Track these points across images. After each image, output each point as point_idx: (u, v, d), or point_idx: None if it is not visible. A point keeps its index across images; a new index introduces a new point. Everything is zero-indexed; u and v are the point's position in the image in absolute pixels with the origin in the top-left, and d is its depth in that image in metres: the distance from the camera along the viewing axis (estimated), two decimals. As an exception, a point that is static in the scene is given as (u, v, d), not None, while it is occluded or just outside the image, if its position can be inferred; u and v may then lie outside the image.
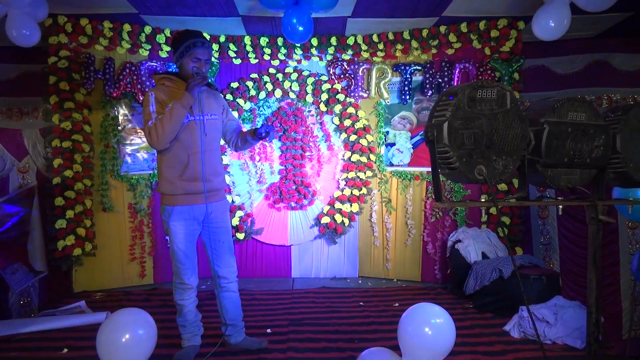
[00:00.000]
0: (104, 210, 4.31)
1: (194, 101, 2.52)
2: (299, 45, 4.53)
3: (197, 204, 2.64)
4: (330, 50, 4.58)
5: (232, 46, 4.57)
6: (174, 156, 2.58)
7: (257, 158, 4.72)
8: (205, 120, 2.62)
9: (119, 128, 4.39)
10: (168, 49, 4.44)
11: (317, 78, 4.64)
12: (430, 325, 1.85)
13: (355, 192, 4.57)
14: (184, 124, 2.53)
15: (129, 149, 4.44)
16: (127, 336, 1.85)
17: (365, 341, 2.98)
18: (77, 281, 4.23)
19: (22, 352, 2.89)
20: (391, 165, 4.64)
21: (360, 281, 4.61)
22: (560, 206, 1.54)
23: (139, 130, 4.47)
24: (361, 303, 3.85)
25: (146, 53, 4.44)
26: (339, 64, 4.64)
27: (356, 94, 4.62)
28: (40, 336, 3.15)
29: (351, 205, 4.56)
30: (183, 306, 2.75)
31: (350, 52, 4.59)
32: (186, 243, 2.67)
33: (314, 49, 4.57)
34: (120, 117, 4.41)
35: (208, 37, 4.51)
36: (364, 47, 4.53)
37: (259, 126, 2.70)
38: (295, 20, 3.58)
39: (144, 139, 4.48)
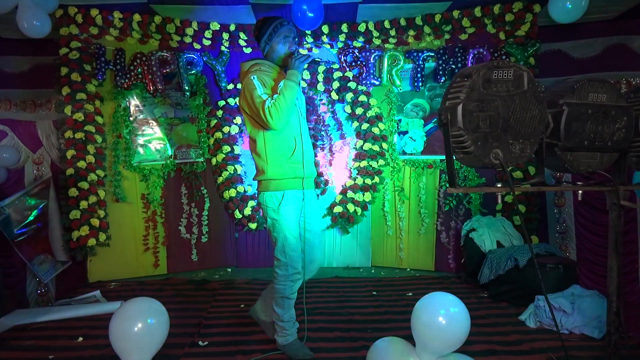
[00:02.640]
0: (117, 200, 4.33)
1: (301, 79, 2.52)
2: (309, 32, 4.47)
3: (302, 190, 2.59)
4: (341, 37, 4.52)
5: (242, 35, 4.53)
6: (283, 139, 2.53)
7: (269, 148, 4.69)
8: (300, 104, 2.64)
9: (131, 119, 4.40)
10: (178, 38, 4.43)
11: (328, 66, 4.58)
12: (444, 314, 1.81)
13: (368, 181, 4.53)
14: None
15: (141, 140, 4.45)
16: (140, 325, 1.85)
17: (378, 331, 2.96)
18: (92, 271, 4.27)
19: (39, 340, 2.92)
20: (404, 153, 4.58)
21: (373, 270, 4.59)
22: (580, 191, 1.49)
23: (150, 121, 4.48)
24: (374, 292, 3.83)
25: (156, 43, 4.43)
26: (350, 51, 4.58)
27: (368, 82, 4.56)
28: (56, 325, 3.19)
29: (364, 195, 4.53)
30: (292, 301, 2.63)
31: (361, 39, 4.52)
32: (296, 229, 2.59)
33: (324, 36, 4.52)
34: (132, 108, 4.41)
35: (218, 27, 4.48)
36: (375, 33, 4.46)
37: None
38: (305, 7, 3.54)
39: (156, 130, 4.49)
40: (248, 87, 2.47)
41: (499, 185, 1.42)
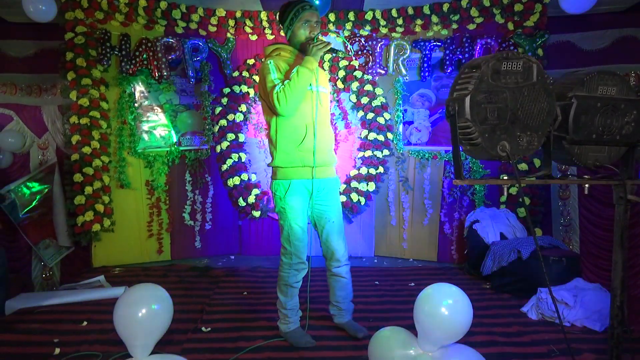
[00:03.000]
0: (121, 186, 4.35)
1: (317, 66, 2.46)
2: (316, 20, 4.43)
3: (312, 178, 2.53)
4: (348, 25, 4.48)
5: (248, 22, 4.51)
6: (292, 126, 2.49)
7: (273, 136, 4.69)
8: (320, 90, 2.56)
9: (136, 105, 4.40)
10: (184, 24, 4.41)
11: (334, 54, 4.53)
12: (447, 305, 1.82)
13: (372, 170, 4.52)
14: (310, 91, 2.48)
15: (146, 126, 4.45)
16: (144, 311, 1.86)
17: (380, 320, 2.97)
18: (97, 256, 4.31)
19: (44, 324, 2.96)
20: (409, 144, 4.56)
21: (376, 260, 4.60)
22: (587, 185, 1.48)
23: (155, 107, 4.47)
24: (376, 282, 3.84)
25: (162, 29, 4.41)
26: (357, 40, 4.54)
27: (374, 71, 4.53)
28: (61, 309, 3.22)
29: (367, 184, 4.52)
30: (296, 289, 2.65)
31: (368, 27, 4.48)
32: (302, 219, 2.58)
33: (331, 24, 4.48)
34: (137, 94, 4.41)
35: (224, 13, 4.45)
36: (382, 22, 4.42)
37: None
38: (312, -6, 3.50)
39: (161, 116, 4.48)
40: (263, 71, 2.48)
41: (505, 177, 1.41)
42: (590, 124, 1.39)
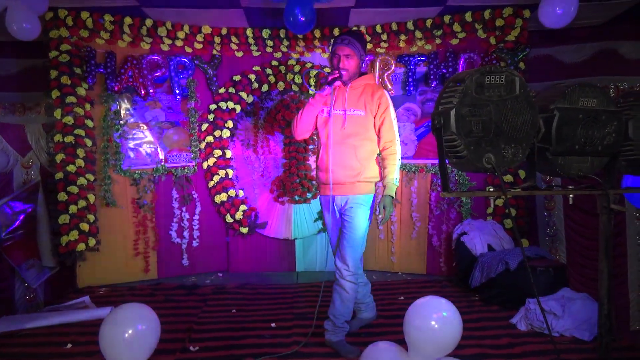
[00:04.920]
0: (107, 205, 4.29)
1: (322, 99, 2.72)
2: (301, 37, 4.48)
3: (328, 195, 2.79)
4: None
5: (234, 39, 4.53)
6: (317, 147, 2.91)
7: (261, 152, 4.69)
8: (347, 114, 2.71)
9: (121, 122, 4.36)
10: (170, 41, 4.41)
11: (320, 70, 4.58)
12: (436, 318, 1.81)
13: (360, 185, 4.52)
14: (326, 116, 2.75)
15: (131, 144, 4.42)
16: (130, 331, 1.83)
17: (370, 335, 2.95)
18: (81, 276, 4.22)
19: (27, 347, 2.89)
20: (395, 157, 4.58)
21: (365, 275, 4.57)
22: (571, 195, 1.50)
23: (141, 125, 4.45)
24: (366, 296, 3.82)
25: (147, 47, 4.40)
26: (342, 55, 4.58)
27: (360, 86, 4.56)
28: (45, 331, 3.15)
29: (355, 198, 4.52)
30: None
31: (353, 43, 4.52)
32: (329, 228, 2.93)
33: (316, 40, 4.52)
34: (123, 112, 4.38)
35: (209, 30, 4.46)
36: (367, 38, 4.47)
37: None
38: (297, 11, 3.54)
39: (147, 134, 4.46)
40: None
41: (491, 189, 1.42)
42: (573, 135, 1.41)
